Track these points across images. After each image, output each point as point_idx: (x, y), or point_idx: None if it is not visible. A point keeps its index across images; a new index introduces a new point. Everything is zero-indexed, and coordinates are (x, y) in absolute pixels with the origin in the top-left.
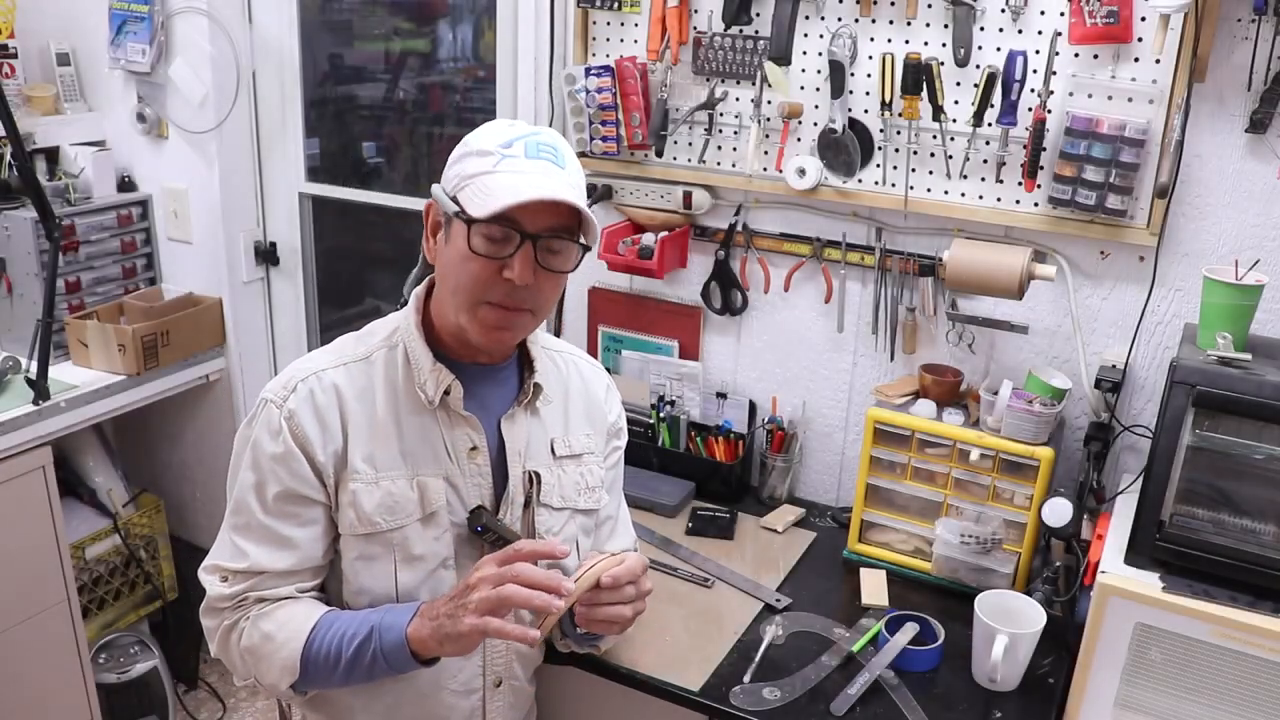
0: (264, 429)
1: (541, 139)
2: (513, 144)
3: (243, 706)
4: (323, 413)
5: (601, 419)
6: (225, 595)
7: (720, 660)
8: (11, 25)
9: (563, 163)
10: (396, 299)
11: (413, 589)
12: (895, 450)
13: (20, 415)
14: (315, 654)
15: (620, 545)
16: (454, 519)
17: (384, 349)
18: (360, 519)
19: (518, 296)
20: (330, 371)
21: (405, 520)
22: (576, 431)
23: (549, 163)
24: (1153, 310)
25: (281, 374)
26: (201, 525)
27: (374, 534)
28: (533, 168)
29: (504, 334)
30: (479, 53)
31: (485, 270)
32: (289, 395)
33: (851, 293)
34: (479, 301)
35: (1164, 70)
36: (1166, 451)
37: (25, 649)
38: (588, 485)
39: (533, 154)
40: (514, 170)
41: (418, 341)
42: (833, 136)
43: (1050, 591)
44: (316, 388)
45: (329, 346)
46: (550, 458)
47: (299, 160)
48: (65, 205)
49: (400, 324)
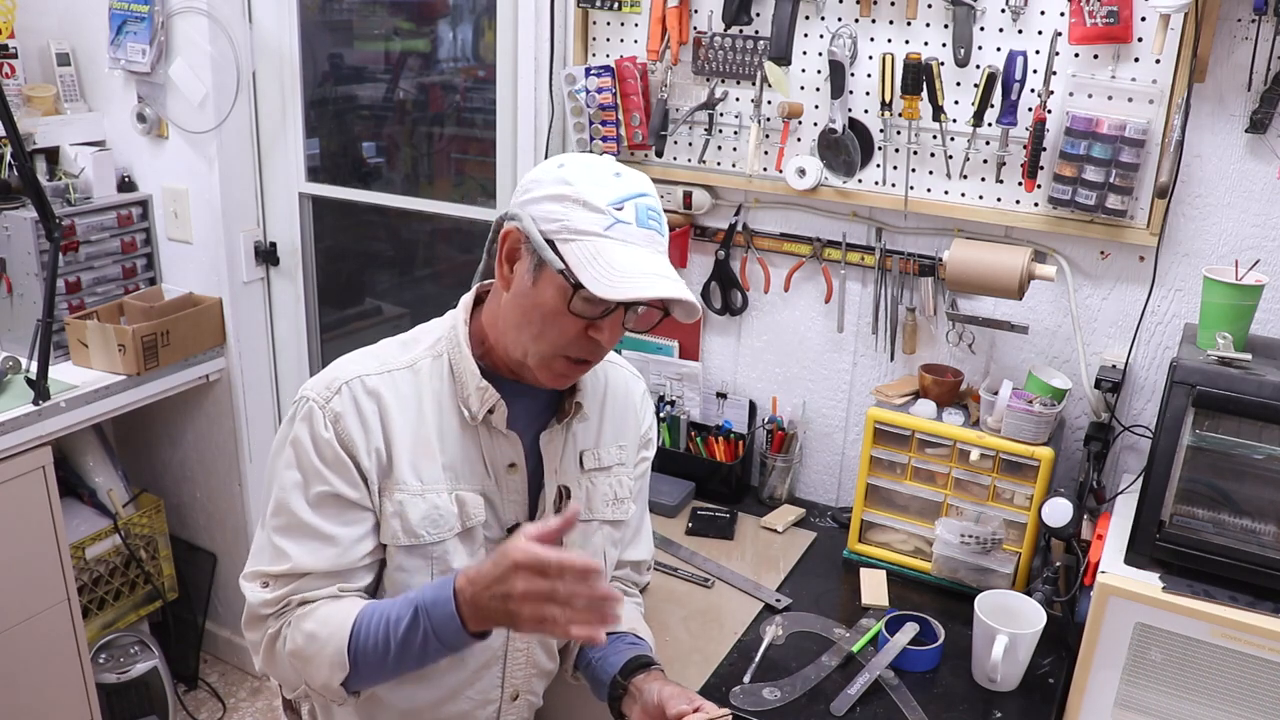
0: (307, 428)
1: (650, 203)
2: (624, 205)
3: (243, 706)
4: (366, 418)
5: (635, 429)
6: (268, 600)
7: (720, 660)
8: (11, 25)
9: (664, 231)
10: (397, 299)
11: None
12: (895, 450)
13: (20, 415)
14: (363, 644)
15: (637, 556)
16: (489, 534)
17: (429, 358)
18: (405, 530)
19: (598, 354)
20: (374, 378)
21: (446, 534)
22: (608, 444)
23: (655, 233)
24: (1153, 310)
25: (324, 373)
26: (201, 525)
27: (416, 546)
28: (644, 239)
29: (568, 381)
30: (479, 53)
31: (574, 328)
32: (333, 396)
33: (851, 293)
34: (557, 354)
35: (1164, 70)
36: (1166, 451)
37: (25, 649)
38: (616, 496)
39: (643, 222)
40: (626, 239)
41: (466, 356)
42: (833, 136)
43: (1050, 591)
44: (360, 392)
45: (373, 350)
46: (579, 470)
47: (299, 160)
48: (65, 205)
49: (445, 333)
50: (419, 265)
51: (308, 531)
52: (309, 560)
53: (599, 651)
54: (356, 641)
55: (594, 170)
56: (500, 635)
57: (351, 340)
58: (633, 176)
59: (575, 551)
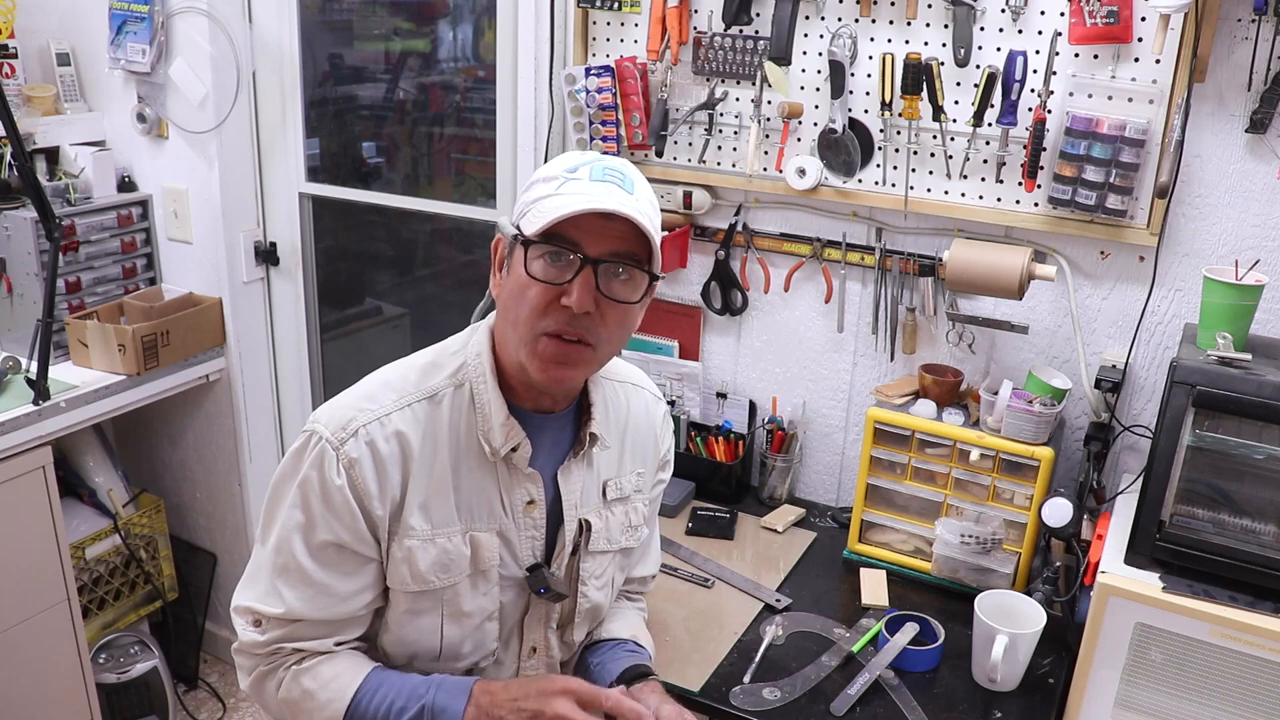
0: (317, 470)
1: (609, 163)
2: (578, 169)
3: (243, 707)
4: (385, 465)
5: (654, 453)
6: (259, 642)
7: (720, 660)
8: (11, 25)
9: (631, 188)
10: (397, 299)
11: (457, 643)
12: (895, 450)
13: (20, 415)
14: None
15: (645, 572)
16: (504, 572)
17: (451, 387)
18: (414, 576)
19: (577, 326)
20: (394, 416)
21: (458, 577)
22: (629, 471)
23: (615, 185)
24: (1153, 310)
25: (339, 407)
26: (201, 525)
27: (425, 591)
28: (597, 189)
29: (564, 370)
30: (479, 53)
31: (543, 298)
32: (348, 440)
33: (851, 293)
34: (537, 334)
35: (1164, 70)
36: (1166, 451)
37: (25, 649)
38: (631, 524)
39: (598, 176)
40: (575, 191)
41: (491, 388)
42: (833, 136)
43: (1050, 591)
44: (379, 436)
45: (391, 378)
46: (601, 501)
47: (299, 160)
48: (65, 205)
49: (470, 359)
50: (419, 265)
51: (305, 579)
52: (304, 609)
53: (598, 657)
54: (354, 712)
55: (560, 156)
56: (513, 660)
57: (351, 340)
58: (608, 158)
59: (632, 701)
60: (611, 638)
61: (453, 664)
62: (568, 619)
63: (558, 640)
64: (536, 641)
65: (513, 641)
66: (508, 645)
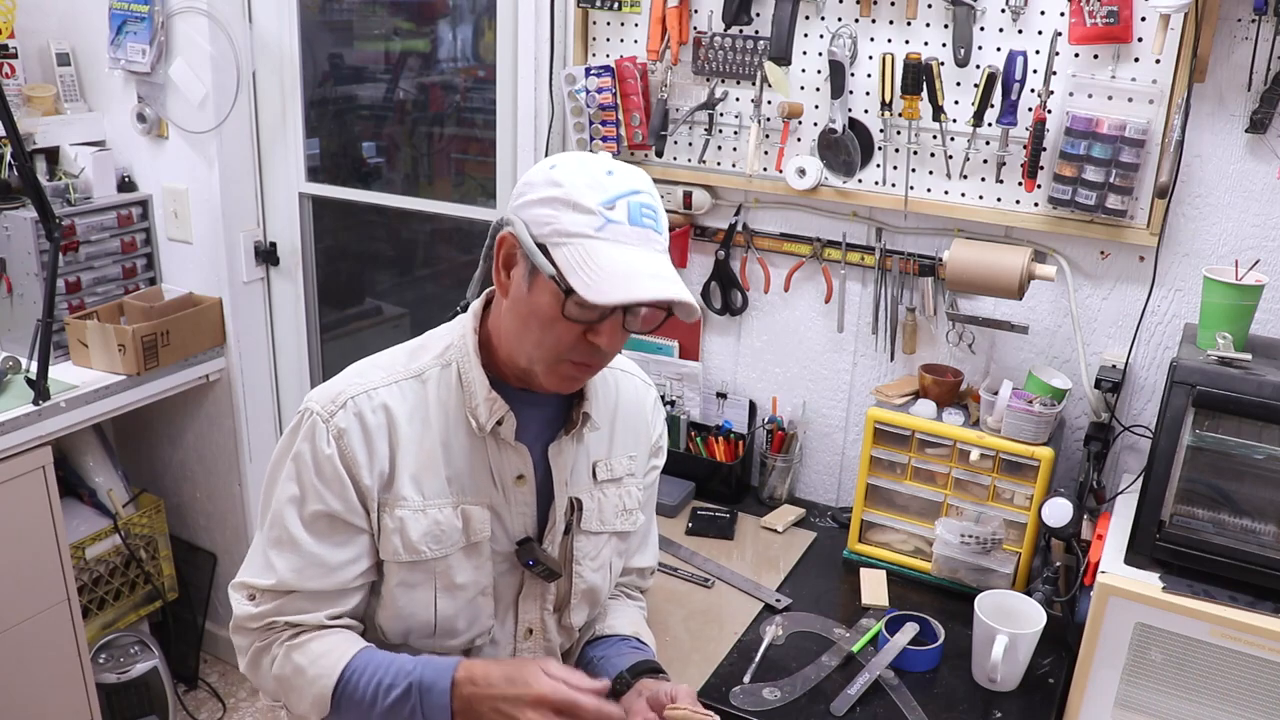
0: (308, 443)
1: (644, 200)
2: (615, 205)
3: (243, 706)
4: (372, 435)
5: (646, 438)
6: (252, 615)
7: (720, 660)
8: (11, 25)
9: (661, 228)
10: (397, 299)
11: (451, 616)
12: (895, 450)
13: (20, 415)
14: (348, 696)
15: (643, 563)
16: (496, 547)
17: (437, 367)
18: (406, 546)
19: (600, 358)
20: (382, 390)
21: (450, 549)
22: (619, 454)
23: (651, 230)
24: (1153, 310)
25: (329, 385)
26: (201, 525)
27: (418, 562)
28: (638, 238)
29: (576, 384)
30: (479, 53)
31: (572, 333)
32: (337, 411)
33: (851, 293)
34: (560, 359)
35: (1164, 70)
36: (1166, 451)
37: (25, 649)
38: (625, 508)
39: (636, 220)
40: (618, 240)
41: (474, 365)
42: (833, 136)
43: (1050, 591)
44: (367, 408)
45: (380, 360)
46: (591, 481)
47: (299, 160)
48: (65, 205)
49: (455, 341)
50: (419, 265)
51: (298, 550)
52: (295, 580)
53: (601, 650)
54: (343, 689)
55: (585, 169)
56: (509, 640)
57: (351, 340)
58: (626, 173)
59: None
60: (614, 633)
61: (448, 640)
62: (564, 600)
63: (555, 623)
64: (533, 622)
65: (508, 620)
66: (503, 624)
